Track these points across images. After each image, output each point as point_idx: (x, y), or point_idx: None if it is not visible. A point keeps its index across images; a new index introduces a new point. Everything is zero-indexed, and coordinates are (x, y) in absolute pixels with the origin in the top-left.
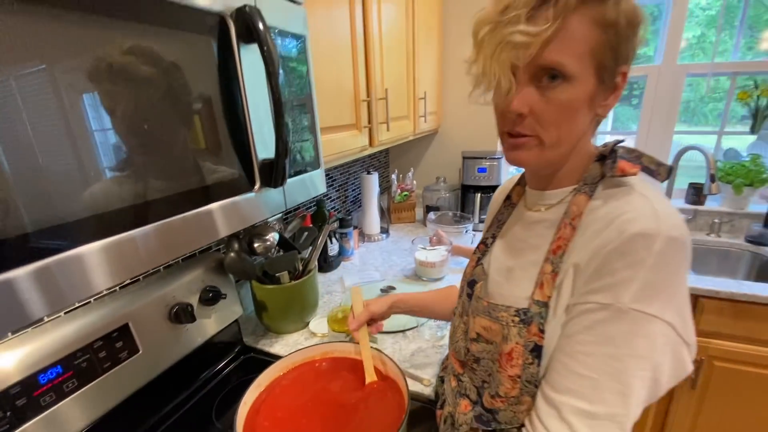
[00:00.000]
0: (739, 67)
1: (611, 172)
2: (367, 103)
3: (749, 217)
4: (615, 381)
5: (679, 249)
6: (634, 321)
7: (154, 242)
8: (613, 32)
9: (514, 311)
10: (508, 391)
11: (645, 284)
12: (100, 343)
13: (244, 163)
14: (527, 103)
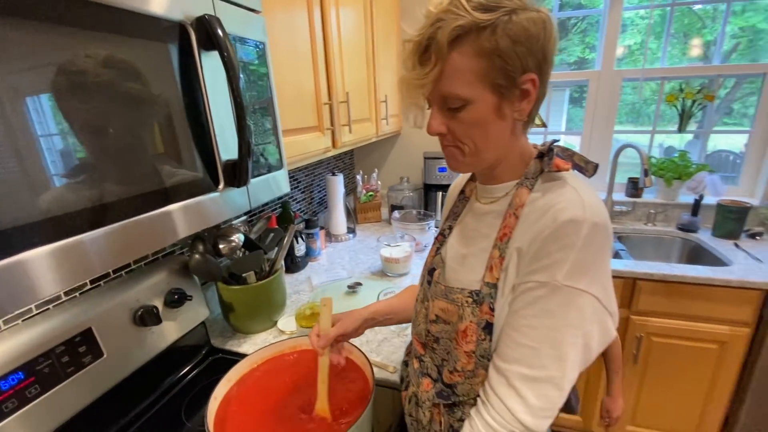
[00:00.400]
0: (666, 73)
1: (548, 168)
2: (329, 106)
3: (680, 207)
4: (552, 348)
5: (601, 233)
6: (567, 295)
7: (110, 245)
8: (496, 56)
9: (468, 293)
10: (464, 366)
11: (575, 264)
12: (62, 348)
13: (207, 164)
14: (442, 124)
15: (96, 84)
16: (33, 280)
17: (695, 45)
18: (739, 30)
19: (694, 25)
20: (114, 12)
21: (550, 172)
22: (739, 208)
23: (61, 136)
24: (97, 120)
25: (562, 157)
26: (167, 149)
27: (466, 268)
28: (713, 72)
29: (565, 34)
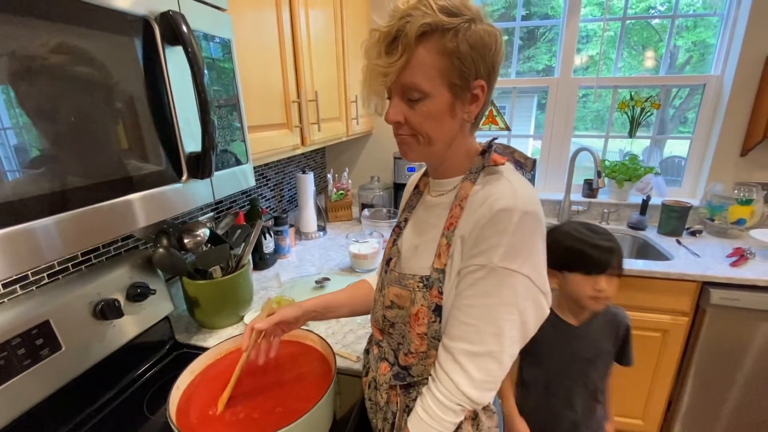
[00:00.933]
0: (618, 82)
1: (487, 163)
2: (297, 104)
3: (630, 207)
4: (491, 325)
5: (531, 220)
6: (502, 276)
7: (68, 231)
8: (456, 57)
9: (419, 278)
10: (417, 347)
11: (508, 247)
12: (18, 340)
13: (171, 156)
14: (400, 114)
15: (58, 73)
16: None
17: (649, 57)
18: (692, 44)
19: (652, 38)
20: (79, 5)
21: (490, 167)
22: (682, 207)
23: (21, 124)
24: (57, 109)
25: (500, 153)
26: (130, 140)
27: (417, 256)
28: (659, 82)
29: (534, 43)
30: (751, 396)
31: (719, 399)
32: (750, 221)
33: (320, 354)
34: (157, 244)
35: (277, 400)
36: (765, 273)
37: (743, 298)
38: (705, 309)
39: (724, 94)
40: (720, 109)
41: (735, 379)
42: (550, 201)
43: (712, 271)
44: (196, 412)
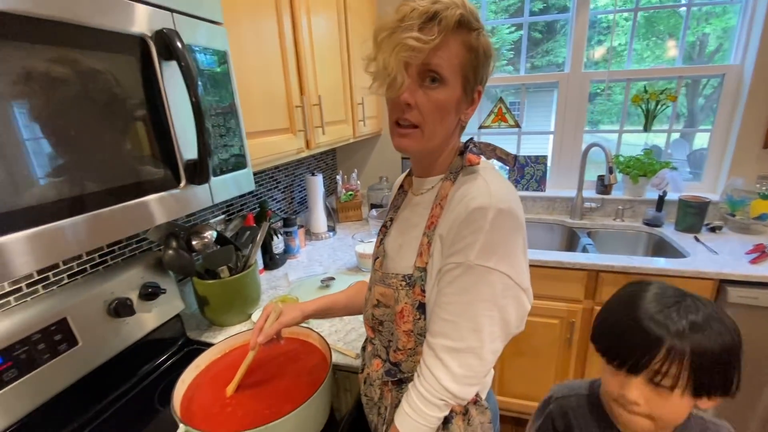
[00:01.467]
0: (630, 75)
1: (463, 163)
2: (301, 108)
3: (645, 203)
4: (469, 321)
5: (507, 217)
6: (479, 273)
7: (75, 234)
8: (475, 56)
9: (402, 277)
10: (405, 344)
11: (484, 245)
12: (38, 336)
13: (169, 163)
14: (414, 96)
15: (67, 90)
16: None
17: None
18: (722, 31)
19: (679, 26)
20: (84, 30)
21: (467, 167)
22: (700, 203)
23: (36, 136)
24: (67, 122)
25: (476, 153)
26: (131, 150)
27: (401, 255)
28: (675, 74)
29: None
30: None
31: (744, 401)
32: None
33: (319, 351)
34: (167, 246)
35: (275, 394)
36: None
37: (763, 296)
38: (723, 307)
39: (744, 84)
40: (740, 100)
41: (760, 380)
42: (562, 198)
43: (730, 268)
44: (199, 404)
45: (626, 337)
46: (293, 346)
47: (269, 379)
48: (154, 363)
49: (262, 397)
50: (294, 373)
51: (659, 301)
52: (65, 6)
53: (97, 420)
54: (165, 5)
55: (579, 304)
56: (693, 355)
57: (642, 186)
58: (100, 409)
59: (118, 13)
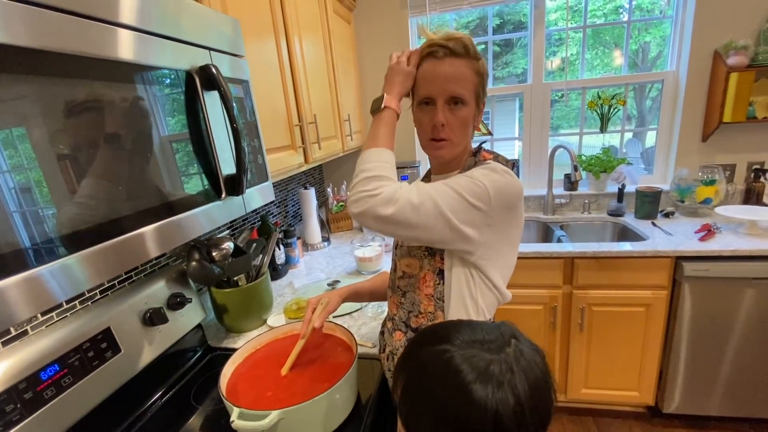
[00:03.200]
0: (586, 84)
1: (479, 159)
2: (300, 126)
3: (609, 196)
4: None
5: (506, 177)
6: (460, 176)
7: (151, 240)
8: (481, 78)
9: (424, 248)
10: (426, 307)
11: (479, 174)
12: (87, 344)
13: (211, 179)
14: (445, 118)
15: (124, 120)
16: (86, 270)
17: (618, 55)
18: (661, 39)
19: (623, 36)
20: (142, 67)
21: (481, 161)
22: (653, 192)
23: (98, 162)
24: (125, 148)
25: (487, 151)
26: (184, 169)
27: None
28: (621, 81)
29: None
30: (739, 355)
31: (709, 362)
32: (715, 200)
33: (345, 342)
34: (190, 259)
35: (310, 380)
36: (729, 244)
37: (712, 268)
38: (681, 281)
39: (680, 87)
40: (679, 102)
41: (719, 341)
42: (534, 197)
43: (684, 246)
44: (243, 392)
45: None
46: (321, 341)
47: (304, 369)
48: (182, 368)
49: (298, 383)
50: (324, 363)
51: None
52: (136, 50)
53: (141, 421)
54: (205, 45)
55: (559, 290)
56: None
57: (603, 181)
58: (141, 413)
59: (171, 53)
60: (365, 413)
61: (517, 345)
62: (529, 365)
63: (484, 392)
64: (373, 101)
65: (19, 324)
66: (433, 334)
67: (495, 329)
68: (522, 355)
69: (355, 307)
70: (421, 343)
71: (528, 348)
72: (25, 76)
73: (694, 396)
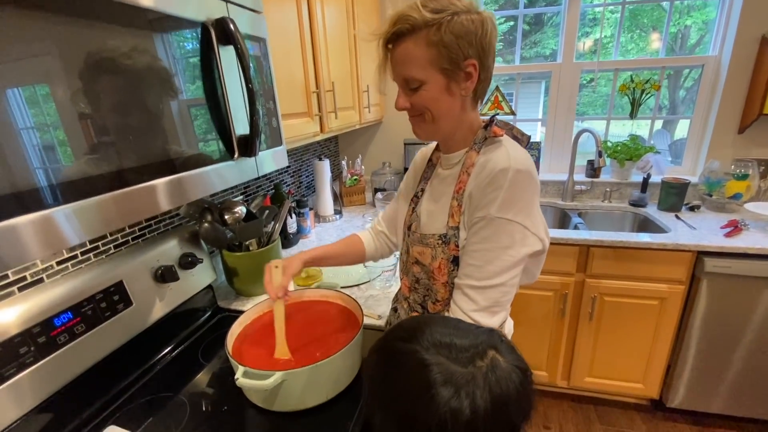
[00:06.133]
0: (618, 65)
1: (488, 134)
2: (317, 94)
3: (631, 185)
4: (491, 264)
5: (524, 176)
6: (499, 224)
7: (163, 192)
8: (442, 46)
9: (438, 236)
10: (443, 296)
11: (503, 200)
12: (100, 295)
13: (225, 138)
14: (406, 101)
15: (139, 72)
16: (99, 215)
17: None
18: (702, 23)
19: (662, 19)
20: (156, 13)
21: (491, 138)
22: (680, 184)
23: (111, 113)
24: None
25: (500, 126)
26: (196, 127)
27: (432, 219)
28: (658, 64)
29: (540, 28)
30: (751, 355)
31: (719, 361)
32: (746, 195)
33: (351, 312)
34: (203, 220)
35: (316, 347)
36: (756, 242)
37: (735, 266)
38: (700, 277)
39: (721, 74)
40: (718, 89)
41: (732, 341)
42: (554, 182)
43: (707, 241)
44: (249, 353)
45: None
46: (328, 309)
47: (310, 336)
48: (192, 326)
49: (303, 349)
50: (330, 331)
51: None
52: None
53: (150, 373)
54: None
55: (571, 277)
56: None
57: (628, 169)
58: (151, 365)
59: (187, 1)
60: None
61: (495, 357)
62: (499, 381)
63: (439, 398)
64: None
65: (33, 267)
66: (408, 329)
67: (473, 336)
68: (495, 369)
69: (363, 279)
70: (396, 336)
71: (507, 363)
72: (42, 13)
73: (701, 392)
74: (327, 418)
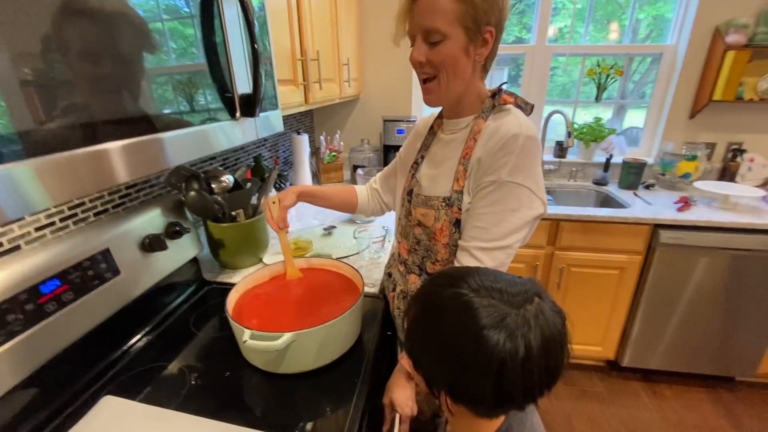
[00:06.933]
0: (587, 50)
1: (498, 102)
2: (302, 62)
3: (595, 165)
4: (498, 227)
5: (533, 143)
6: (509, 188)
7: (167, 146)
8: (471, 4)
9: (442, 199)
10: (443, 256)
11: (514, 165)
12: (88, 263)
13: (227, 96)
14: (422, 55)
15: (140, 28)
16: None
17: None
18: (652, 18)
19: (616, 12)
20: None
21: (500, 106)
22: (639, 164)
23: (103, 60)
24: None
25: (507, 94)
26: (201, 81)
27: (437, 183)
28: (623, 50)
29: None
30: (691, 319)
31: (662, 323)
32: (694, 175)
33: (350, 280)
34: (189, 188)
35: (319, 311)
36: (704, 215)
37: (686, 237)
38: (655, 248)
39: (678, 62)
40: (674, 77)
41: (673, 304)
42: None
43: (662, 215)
44: (249, 318)
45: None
46: (328, 278)
47: (310, 302)
48: (178, 300)
49: (305, 314)
50: (329, 297)
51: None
52: None
53: (142, 342)
54: None
55: (542, 250)
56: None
57: (592, 150)
58: (143, 335)
59: None
60: (370, 343)
61: (540, 304)
62: (547, 324)
63: (495, 339)
64: None
65: (9, 232)
66: (454, 276)
67: (519, 284)
68: (542, 313)
69: (352, 251)
70: (440, 283)
71: (549, 309)
72: None
73: (648, 351)
74: (335, 376)
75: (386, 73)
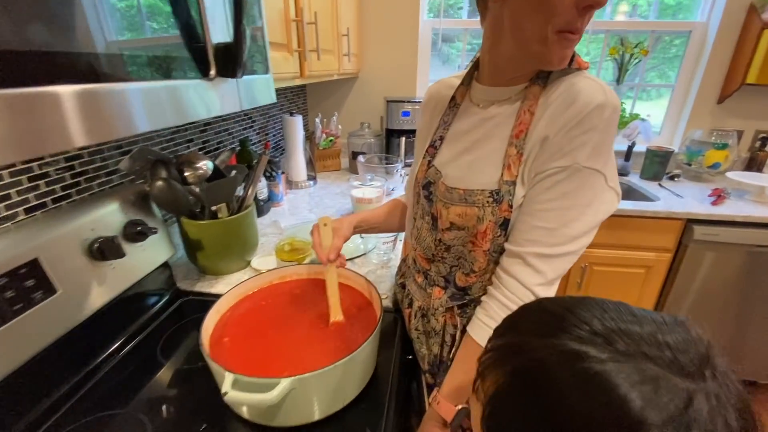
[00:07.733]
0: (610, 26)
1: (573, 66)
2: (297, 24)
3: (617, 154)
4: (568, 228)
5: (617, 117)
6: (585, 176)
7: (130, 103)
8: None
9: (488, 193)
10: (481, 265)
11: (595, 146)
12: (5, 280)
13: (195, 43)
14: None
15: None
16: None
17: None
18: None
19: None
20: None
21: (574, 69)
22: (664, 152)
23: None
24: None
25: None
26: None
27: (475, 171)
28: (648, 27)
29: None
30: (722, 320)
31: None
32: (724, 165)
33: (361, 294)
34: (155, 177)
35: (323, 338)
36: (740, 210)
37: (722, 233)
38: (687, 245)
39: (708, 41)
40: (703, 57)
41: (707, 307)
42: None
43: (696, 209)
44: (231, 353)
45: None
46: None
47: (308, 327)
48: (144, 318)
49: (306, 344)
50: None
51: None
52: None
53: (94, 378)
54: None
55: None
56: None
57: None
58: (92, 369)
59: None
60: (389, 377)
61: (716, 362)
62: (739, 400)
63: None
64: None
65: None
66: (561, 321)
67: (679, 331)
68: (728, 382)
69: (358, 252)
70: (536, 333)
71: (728, 369)
72: None
73: None
74: (349, 425)
75: (389, 49)
